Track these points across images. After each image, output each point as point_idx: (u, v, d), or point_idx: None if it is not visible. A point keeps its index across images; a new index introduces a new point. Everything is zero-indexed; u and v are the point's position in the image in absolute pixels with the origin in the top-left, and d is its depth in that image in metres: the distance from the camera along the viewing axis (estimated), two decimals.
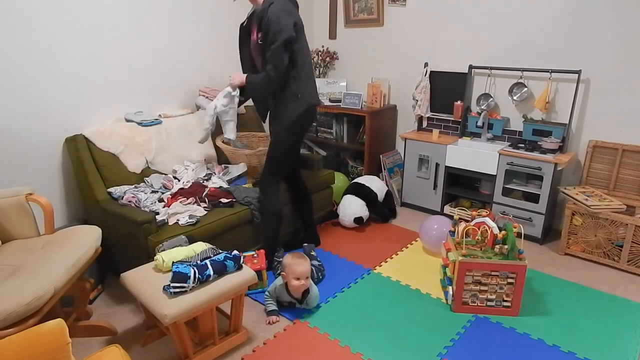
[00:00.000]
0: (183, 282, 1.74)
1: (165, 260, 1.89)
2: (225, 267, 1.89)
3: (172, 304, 1.69)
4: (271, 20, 2.22)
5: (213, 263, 1.86)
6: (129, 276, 1.91)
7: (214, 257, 1.91)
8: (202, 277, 1.79)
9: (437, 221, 2.84)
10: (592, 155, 2.97)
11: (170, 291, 1.72)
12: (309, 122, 2.56)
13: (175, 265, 1.83)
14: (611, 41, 2.81)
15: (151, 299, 1.74)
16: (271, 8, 2.23)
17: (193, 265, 1.82)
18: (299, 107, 2.42)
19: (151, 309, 1.72)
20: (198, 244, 2.09)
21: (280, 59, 2.26)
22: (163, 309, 1.66)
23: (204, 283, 1.81)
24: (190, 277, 1.75)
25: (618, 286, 2.55)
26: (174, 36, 3.08)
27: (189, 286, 1.75)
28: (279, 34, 2.22)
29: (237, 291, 1.90)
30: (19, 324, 1.49)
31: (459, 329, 2.16)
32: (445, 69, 3.52)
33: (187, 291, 1.75)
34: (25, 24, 2.32)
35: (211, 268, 1.84)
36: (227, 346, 1.99)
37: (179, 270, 1.77)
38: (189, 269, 1.78)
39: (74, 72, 2.57)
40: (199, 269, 1.80)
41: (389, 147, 3.97)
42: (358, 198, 3.24)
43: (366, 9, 3.85)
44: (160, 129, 2.87)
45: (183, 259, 1.92)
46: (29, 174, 2.45)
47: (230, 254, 1.94)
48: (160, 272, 1.90)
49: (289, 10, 2.31)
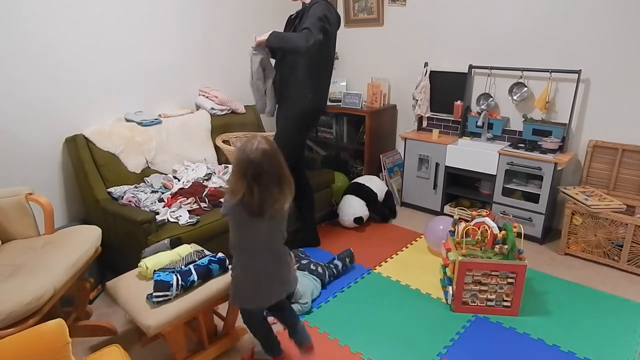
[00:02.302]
0: (166, 291, 1.68)
1: (149, 267, 1.82)
2: (210, 271, 1.83)
3: (155, 314, 1.63)
4: (311, 10, 2.35)
5: (197, 268, 1.80)
6: (114, 284, 1.86)
7: (198, 262, 1.84)
8: (185, 283, 1.73)
9: (442, 221, 2.84)
10: (592, 155, 2.97)
11: (153, 300, 1.67)
12: (312, 123, 2.59)
13: (156, 273, 1.75)
14: (611, 41, 2.81)
15: (135, 309, 1.68)
16: (315, 5, 2.37)
17: (177, 271, 1.76)
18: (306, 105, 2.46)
19: (135, 319, 1.67)
20: (183, 246, 2.02)
21: (316, 27, 2.29)
22: (146, 320, 1.61)
23: (188, 289, 1.75)
24: (173, 284, 1.69)
25: (618, 286, 2.55)
26: (174, 36, 3.07)
27: (172, 294, 1.69)
28: (314, 16, 2.31)
29: (223, 295, 1.84)
30: (19, 324, 1.49)
31: (459, 328, 2.16)
32: (445, 68, 3.52)
33: (171, 299, 1.69)
34: (26, 24, 2.32)
35: (195, 273, 1.77)
36: (217, 350, 1.96)
37: (160, 278, 1.71)
38: (171, 277, 1.71)
39: (74, 72, 2.57)
40: (182, 275, 1.74)
41: (389, 147, 3.97)
42: (358, 198, 3.24)
43: (366, 8, 3.85)
44: (160, 129, 2.87)
45: (168, 264, 1.85)
46: (29, 174, 2.45)
47: (215, 257, 1.89)
48: (144, 279, 1.84)
49: (331, 10, 2.41)
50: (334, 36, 2.51)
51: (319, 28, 2.29)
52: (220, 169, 3.02)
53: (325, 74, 2.59)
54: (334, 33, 2.49)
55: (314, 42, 2.26)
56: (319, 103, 2.54)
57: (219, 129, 3.21)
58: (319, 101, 2.54)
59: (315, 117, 2.62)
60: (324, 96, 2.60)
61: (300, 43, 2.26)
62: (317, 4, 2.37)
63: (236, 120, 3.37)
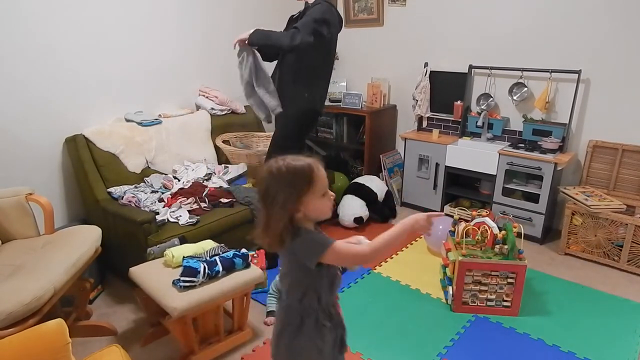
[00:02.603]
0: (193, 277, 1.76)
1: (175, 256, 1.90)
2: (234, 265, 1.91)
3: (181, 298, 1.70)
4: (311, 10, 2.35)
5: (222, 260, 1.89)
6: (138, 270, 1.93)
7: (223, 254, 1.93)
8: (211, 272, 1.81)
9: (442, 222, 2.84)
10: (592, 155, 2.96)
11: (180, 285, 1.74)
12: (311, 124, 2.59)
13: (185, 259, 1.85)
14: (611, 41, 2.81)
15: (160, 293, 1.75)
16: (316, 7, 2.36)
17: (203, 260, 1.85)
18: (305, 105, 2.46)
19: (160, 302, 1.73)
20: (207, 241, 2.11)
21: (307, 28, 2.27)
22: (172, 302, 1.68)
23: (212, 279, 1.83)
24: (200, 272, 1.77)
25: (618, 286, 2.55)
26: (174, 36, 3.07)
27: (199, 281, 1.77)
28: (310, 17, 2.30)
29: (244, 288, 1.92)
30: (19, 324, 1.49)
31: (459, 329, 2.16)
32: (445, 69, 3.52)
33: (197, 286, 1.76)
34: (25, 24, 2.32)
35: (220, 264, 1.86)
36: (232, 343, 2.00)
37: (189, 264, 1.80)
38: (199, 264, 1.80)
39: (74, 72, 2.57)
40: (209, 264, 1.83)
41: (389, 147, 3.97)
42: (358, 198, 3.24)
43: (366, 8, 3.85)
44: (160, 129, 2.87)
45: (192, 254, 1.94)
46: (29, 174, 2.45)
47: (239, 252, 1.97)
48: (169, 267, 1.91)
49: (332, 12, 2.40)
50: (335, 38, 2.50)
51: (311, 30, 2.28)
52: (220, 169, 3.02)
53: (324, 75, 2.58)
54: (335, 35, 2.48)
55: (300, 42, 2.24)
56: (317, 104, 2.53)
57: (219, 129, 3.21)
58: (317, 102, 2.53)
59: (314, 118, 2.62)
60: (322, 97, 2.60)
61: (284, 41, 2.25)
62: (319, 5, 2.37)
63: (236, 120, 3.38)
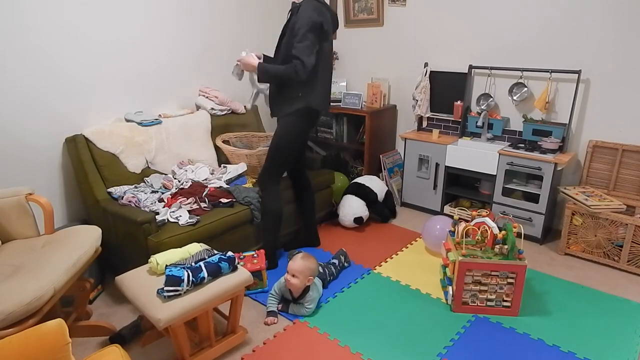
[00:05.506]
0: (176, 286, 1.71)
1: (160, 263, 1.86)
2: (219, 269, 1.86)
3: (166, 308, 1.66)
4: (299, 14, 2.32)
5: (207, 265, 1.84)
6: (124, 279, 1.89)
7: (208, 259, 1.88)
8: (196, 279, 1.76)
9: (440, 221, 2.84)
10: (592, 155, 2.97)
11: (164, 295, 1.70)
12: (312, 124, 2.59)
13: (168, 268, 1.79)
14: (611, 41, 2.81)
15: (145, 303, 1.71)
16: (303, 5, 2.34)
17: (187, 267, 1.80)
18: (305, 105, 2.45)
19: (145, 313, 1.70)
20: (193, 245, 2.06)
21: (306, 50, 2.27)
22: (157, 313, 1.64)
23: (198, 285, 1.79)
24: (184, 280, 1.73)
25: (618, 286, 2.55)
26: (174, 36, 3.07)
27: (183, 289, 1.72)
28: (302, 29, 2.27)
29: (232, 293, 1.88)
30: (18, 324, 1.49)
31: (459, 329, 2.16)
32: (445, 69, 3.52)
33: (181, 294, 1.73)
34: (25, 25, 2.32)
35: (205, 270, 1.81)
36: (224, 347, 1.97)
37: (172, 273, 1.74)
38: (182, 272, 1.75)
39: (74, 72, 2.57)
40: (193, 271, 1.78)
41: (389, 147, 3.97)
42: (358, 198, 3.24)
43: (366, 9, 3.85)
44: (160, 129, 2.87)
45: (178, 261, 1.89)
46: (29, 174, 2.45)
47: (224, 255, 1.92)
48: (154, 274, 1.87)
49: (319, 9, 2.37)
50: (330, 36, 2.46)
51: (310, 50, 2.28)
52: (220, 169, 3.02)
53: (324, 74, 2.54)
54: (329, 32, 2.44)
55: (306, 70, 2.27)
56: (320, 103, 2.52)
57: (219, 129, 3.21)
58: (319, 101, 2.51)
59: (315, 118, 2.60)
60: (325, 96, 2.57)
61: (291, 77, 2.30)
62: (305, 4, 2.32)
63: (236, 120, 3.38)
